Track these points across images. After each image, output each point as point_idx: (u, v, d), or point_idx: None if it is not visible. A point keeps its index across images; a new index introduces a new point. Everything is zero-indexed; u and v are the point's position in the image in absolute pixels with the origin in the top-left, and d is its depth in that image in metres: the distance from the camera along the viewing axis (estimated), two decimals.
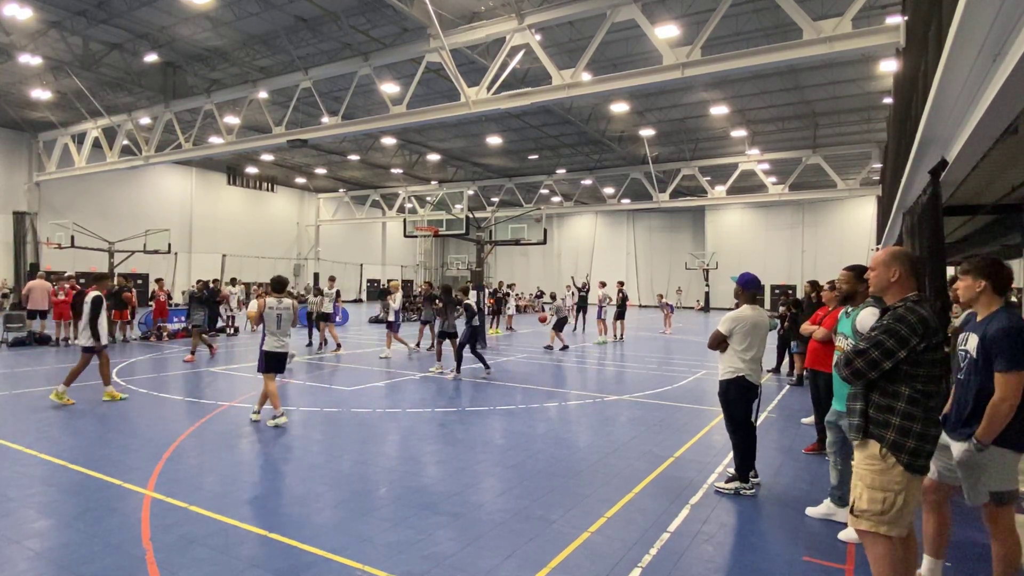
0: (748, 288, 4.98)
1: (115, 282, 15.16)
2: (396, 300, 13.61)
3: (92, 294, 8.12)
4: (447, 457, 5.88)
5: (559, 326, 15.73)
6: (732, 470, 5.07)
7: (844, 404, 3.37)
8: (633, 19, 12.19)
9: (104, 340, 8.13)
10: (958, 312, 5.05)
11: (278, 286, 7.43)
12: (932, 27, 4.30)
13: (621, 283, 19.08)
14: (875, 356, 2.61)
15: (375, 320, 23.35)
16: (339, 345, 14.15)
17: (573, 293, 21.21)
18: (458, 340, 10.83)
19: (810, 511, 4.50)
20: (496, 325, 20.75)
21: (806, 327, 6.00)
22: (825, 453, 5.20)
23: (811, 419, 7.42)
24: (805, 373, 8.55)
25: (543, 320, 16.30)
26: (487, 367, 10.93)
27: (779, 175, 30.37)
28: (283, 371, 7.49)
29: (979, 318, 3.08)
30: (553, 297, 19.35)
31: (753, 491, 4.91)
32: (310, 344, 14.79)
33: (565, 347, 15.45)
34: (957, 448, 3.04)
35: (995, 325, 2.93)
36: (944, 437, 3.20)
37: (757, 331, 4.87)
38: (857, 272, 4.29)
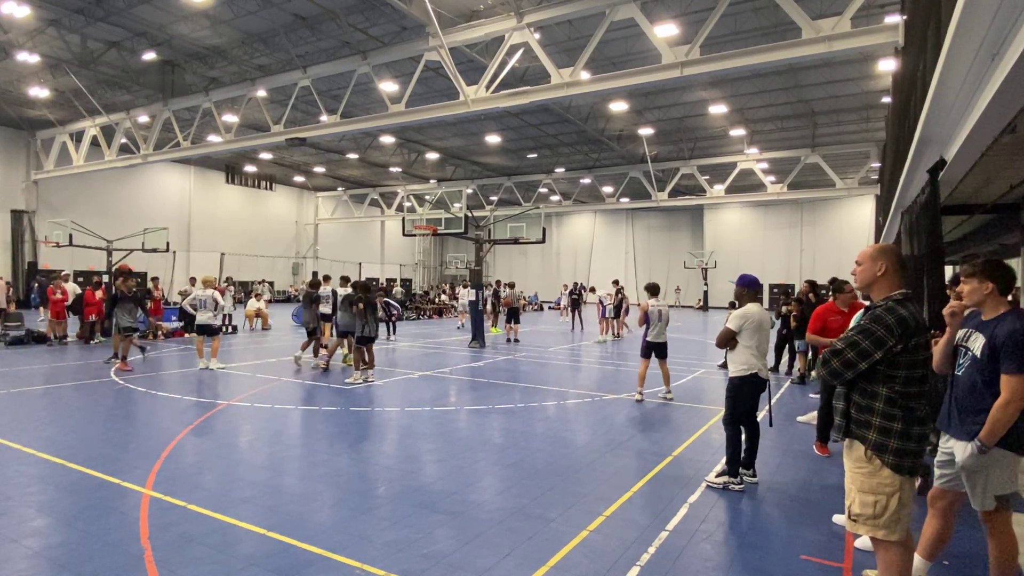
0: (751, 288, 5.18)
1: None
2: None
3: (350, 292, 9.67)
4: (446, 456, 5.87)
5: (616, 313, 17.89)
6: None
7: None
8: (632, 18, 12.19)
9: (375, 333, 9.76)
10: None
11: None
12: (931, 26, 4.30)
13: (616, 282, 19.08)
14: (850, 357, 2.59)
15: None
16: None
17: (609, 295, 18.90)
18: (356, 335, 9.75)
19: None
20: (496, 324, 20.79)
21: (813, 338, 5.96)
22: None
23: (807, 417, 7.46)
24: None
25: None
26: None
27: (778, 174, 30.40)
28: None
29: (985, 318, 3.05)
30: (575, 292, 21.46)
31: (742, 486, 4.94)
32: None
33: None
34: (960, 452, 3.02)
35: (1005, 327, 2.89)
36: (945, 443, 3.19)
37: (763, 328, 5.04)
38: None
